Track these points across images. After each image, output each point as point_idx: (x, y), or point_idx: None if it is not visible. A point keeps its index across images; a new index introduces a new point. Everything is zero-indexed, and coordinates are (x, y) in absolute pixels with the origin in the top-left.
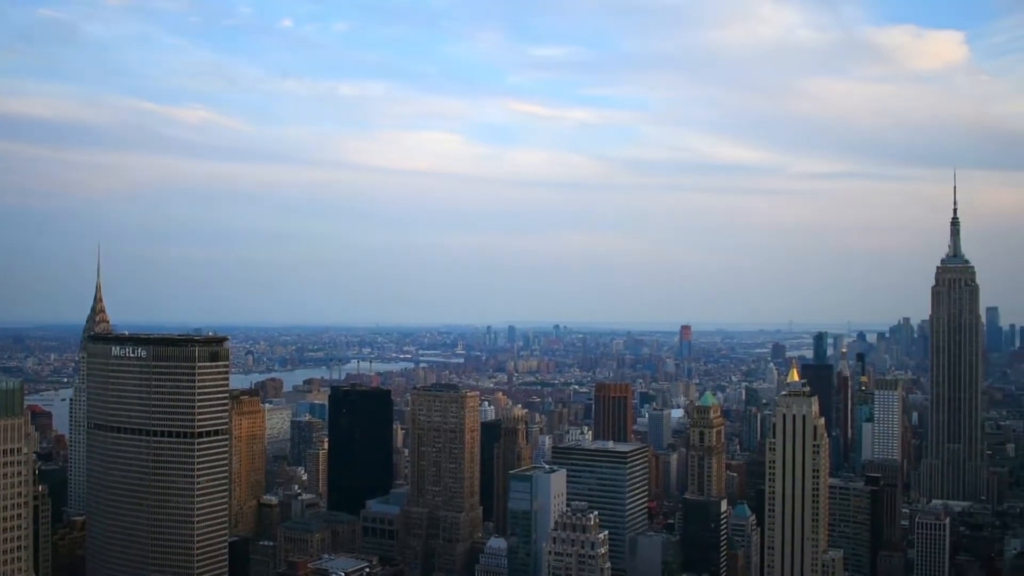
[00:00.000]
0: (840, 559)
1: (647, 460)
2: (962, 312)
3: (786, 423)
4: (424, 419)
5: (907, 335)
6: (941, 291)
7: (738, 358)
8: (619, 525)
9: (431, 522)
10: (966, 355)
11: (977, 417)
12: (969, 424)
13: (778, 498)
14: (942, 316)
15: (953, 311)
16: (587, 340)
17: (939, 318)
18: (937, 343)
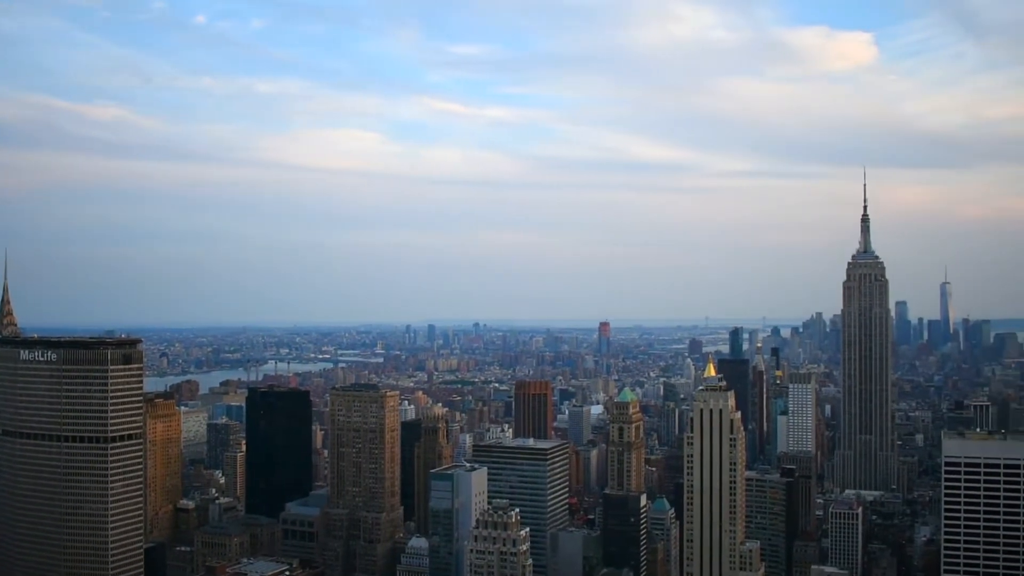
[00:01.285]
0: (757, 550)
1: (567, 456)
2: (872, 306)
3: (703, 417)
4: (343, 419)
5: (820, 329)
6: (852, 286)
7: (656, 354)
8: (540, 522)
9: (352, 523)
10: (876, 348)
11: (887, 409)
12: (880, 415)
13: (696, 491)
14: (853, 310)
15: (864, 305)
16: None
17: (850, 312)
18: (849, 337)
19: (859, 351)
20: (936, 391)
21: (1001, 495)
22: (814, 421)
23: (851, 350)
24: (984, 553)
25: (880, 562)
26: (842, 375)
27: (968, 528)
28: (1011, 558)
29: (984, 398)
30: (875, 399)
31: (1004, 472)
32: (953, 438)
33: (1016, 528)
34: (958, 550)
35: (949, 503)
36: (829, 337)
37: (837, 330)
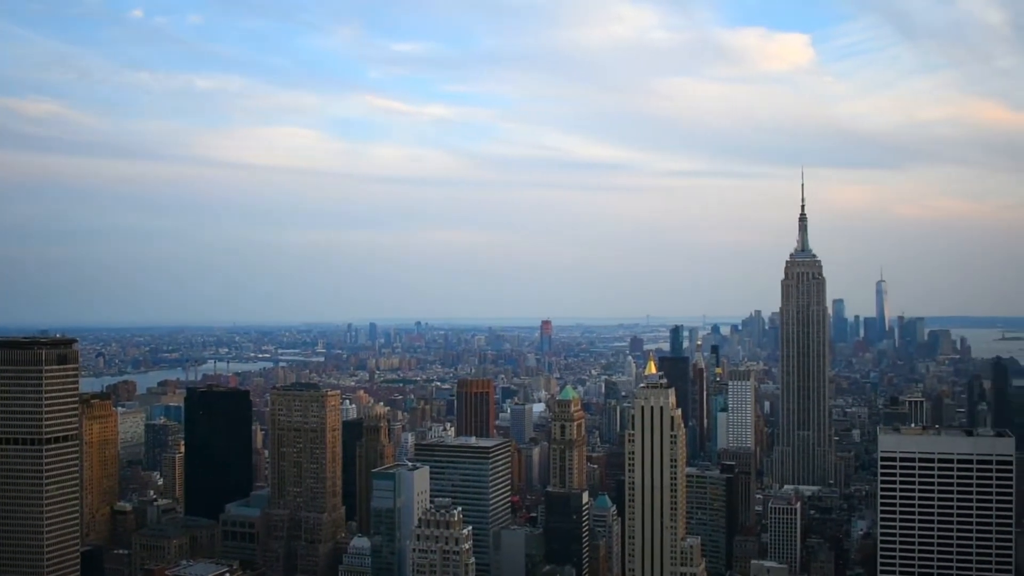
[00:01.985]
0: (698, 545)
1: (510, 454)
2: (810, 304)
3: (644, 415)
4: (284, 419)
5: (759, 327)
6: (790, 284)
7: (598, 352)
8: (483, 520)
9: (293, 524)
10: (814, 345)
11: (825, 405)
12: (817, 412)
13: (638, 488)
14: (791, 308)
15: (802, 303)
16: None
17: (788, 310)
18: (787, 334)
19: (797, 348)
20: (872, 387)
21: (935, 489)
22: (753, 418)
23: (789, 347)
24: (919, 545)
25: (818, 556)
26: (781, 372)
27: (903, 521)
28: (944, 550)
29: (919, 394)
30: (813, 395)
31: (938, 466)
32: (889, 433)
33: (949, 520)
34: (894, 543)
35: (885, 497)
36: (768, 335)
37: (776, 328)
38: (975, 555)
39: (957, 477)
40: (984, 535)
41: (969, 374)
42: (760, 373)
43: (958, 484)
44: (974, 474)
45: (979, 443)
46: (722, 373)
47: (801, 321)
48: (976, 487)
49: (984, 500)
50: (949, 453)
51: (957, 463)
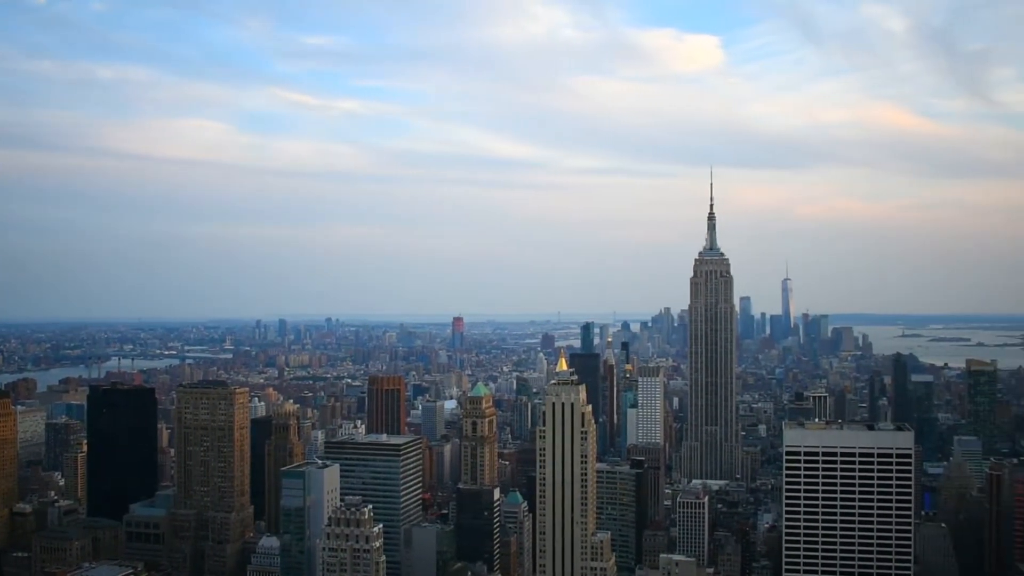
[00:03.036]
0: (608, 540)
1: (421, 452)
2: (718, 302)
3: (555, 411)
4: (191, 417)
5: (668, 324)
6: (699, 282)
7: (509, 348)
8: (394, 517)
9: (200, 524)
10: (722, 342)
11: (732, 401)
12: (725, 407)
13: (548, 484)
14: (700, 306)
15: (710, 301)
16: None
17: (697, 308)
18: (695, 331)
19: (705, 345)
20: (778, 383)
21: (838, 482)
22: (662, 413)
23: (698, 344)
24: (822, 537)
25: (725, 548)
26: (689, 368)
27: (807, 513)
28: (847, 541)
29: (822, 389)
30: (720, 391)
31: (840, 460)
32: (793, 428)
33: (851, 512)
34: (798, 535)
35: (789, 490)
36: (677, 331)
37: (684, 325)
38: (876, 546)
39: (859, 470)
40: (885, 526)
41: (870, 370)
42: (669, 369)
43: (860, 477)
44: (875, 467)
45: (880, 437)
46: (632, 370)
47: (709, 318)
48: (877, 480)
49: (884, 492)
50: (851, 447)
51: (859, 457)
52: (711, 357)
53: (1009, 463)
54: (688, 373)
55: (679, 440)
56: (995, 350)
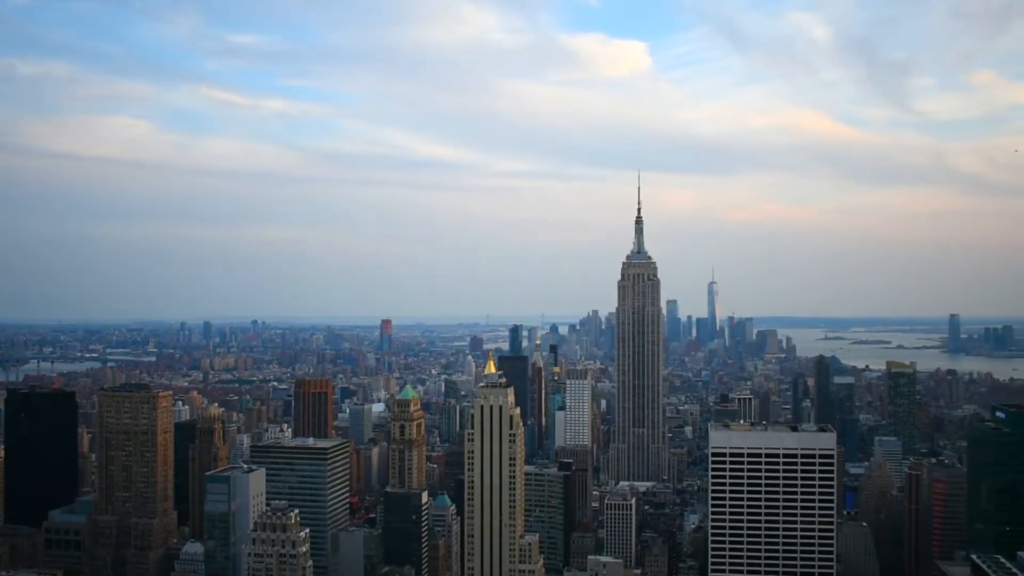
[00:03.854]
0: (536, 542)
1: (348, 455)
2: (645, 305)
3: (484, 414)
4: (113, 421)
5: (596, 327)
6: (626, 285)
7: (438, 351)
8: (321, 522)
9: (122, 530)
10: (649, 345)
11: (659, 403)
12: (652, 409)
13: (477, 487)
14: (627, 308)
15: (637, 304)
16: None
17: (624, 310)
18: (623, 334)
19: (633, 348)
20: (704, 385)
21: (762, 482)
22: (590, 416)
23: (625, 347)
24: (747, 536)
25: (652, 549)
26: (617, 371)
27: (733, 514)
28: (771, 540)
29: (747, 391)
30: (647, 394)
31: (765, 461)
32: (719, 430)
33: (775, 512)
34: (723, 535)
35: (715, 491)
36: (605, 334)
37: (612, 327)
38: (800, 545)
39: (783, 471)
40: (808, 526)
41: (794, 372)
42: (597, 372)
43: (784, 477)
44: (798, 468)
45: (803, 438)
46: (560, 372)
47: (636, 321)
48: (800, 480)
49: (808, 492)
50: (775, 448)
51: (783, 457)
52: (638, 359)
53: (928, 463)
54: (616, 375)
55: (607, 442)
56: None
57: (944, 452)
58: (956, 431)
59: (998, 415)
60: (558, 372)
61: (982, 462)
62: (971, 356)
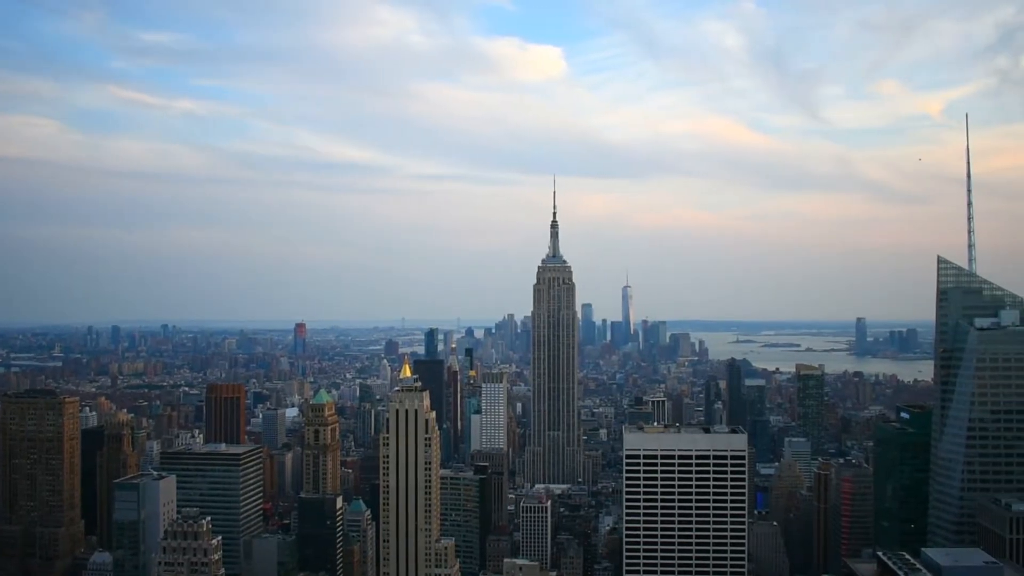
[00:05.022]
0: (452, 546)
1: (261, 461)
2: (560, 308)
3: (399, 418)
4: (16, 428)
5: (511, 330)
6: (542, 289)
7: (353, 355)
8: (233, 529)
9: (26, 540)
10: (564, 348)
11: (574, 406)
12: (567, 412)
13: (392, 491)
14: (543, 312)
15: (552, 307)
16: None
17: (540, 314)
18: (538, 337)
19: (548, 351)
20: (618, 388)
21: (676, 484)
22: (506, 419)
23: (540, 350)
24: (661, 537)
25: (568, 551)
26: (532, 374)
27: (647, 515)
28: (684, 540)
29: (661, 394)
30: (563, 397)
31: (678, 462)
32: (633, 432)
33: (688, 513)
34: (638, 536)
35: (629, 493)
36: (520, 338)
37: (528, 331)
38: (712, 544)
39: (696, 472)
40: (720, 525)
41: (706, 375)
42: (513, 375)
43: (696, 478)
44: (711, 469)
45: (715, 439)
46: (476, 376)
47: (552, 325)
48: (713, 481)
49: (720, 493)
50: (688, 450)
51: (695, 459)
52: (553, 363)
53: (835, 463)
54: (531, 379)
55: (522, 445)
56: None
57: (851, 452)
58: (863, 431)
59: (903, 415)
60: (474, 376)
61: (887, 461)
62: (877, 358)
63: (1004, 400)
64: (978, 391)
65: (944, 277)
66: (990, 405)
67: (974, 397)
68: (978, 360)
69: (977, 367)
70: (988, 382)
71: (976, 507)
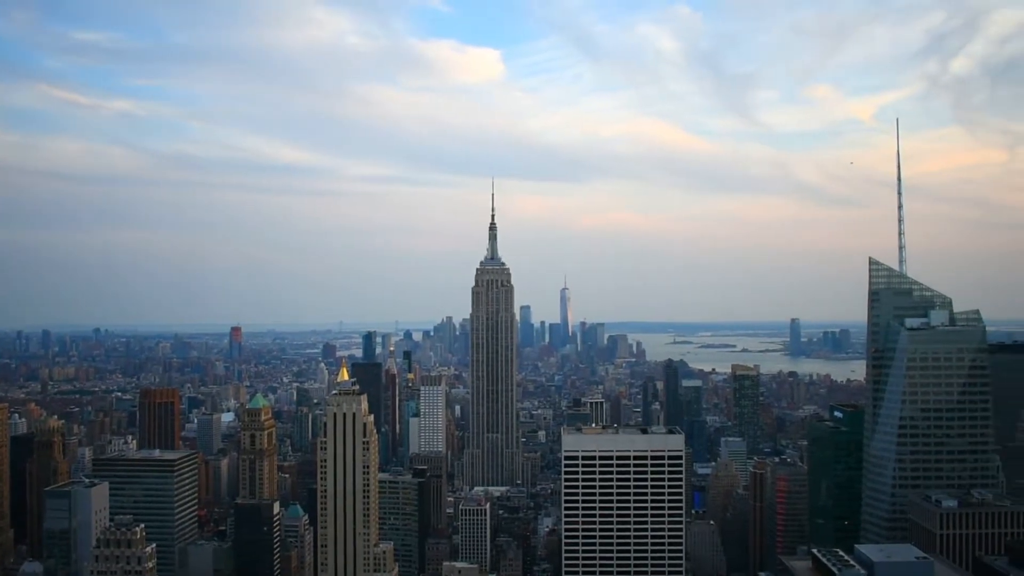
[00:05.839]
0: (391, 550)
1: (196, 467)
2: (499, 311)
3: (337, 422)
4: None
5: (450, 333)
6: (480, 291)
7: (289, 359)
8: (168, 536)
9: None
10: (502, 351)
11: (513, 408)
12: (506, 414)
13: (330, 496)
14: (481, 314)
15: (491, 310)
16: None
17: (478, 316)
18: (477, 340)
19: (487, 353)
20: (557, 390)
21: (614, 484)
22: (445, 422)
23: (479, 352)
24: (600, 537)
25: (507, 553)
26: (471, 377)
27: (585, 516)
28: (623, 540)
29: (599, 395)
30: (501, 399)
31: (616, 463)
32: (571, 433)
33: (627, 513)
34: (577, 537)
35: (568, 494)
36: (459, 340)
37: (467, 333)
38: (650, 544)
39: (634, 472)
40: (658, 525)
41: (644, 376)
42: (451, 378)
43: (634, 479)
44: (649, 469)
45: (653, 440)
46: (414, 379)
47: (490, 327)
48: (651, 481)
49: (658, 493)
50: (626, 450)
51: (633, 459)
52: (492, 365)
53: (771, 462)
54: (470, 381)
55: (461, 448)
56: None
57: (786, 451)
58: (797, 431)
59: (836, 414)
60: (412, 379)
61: (821, 460)
62: (811, 359)
63: (934, 398)
64: (909, 390)
65: (876, 278)
66: (920, 403)
67: (905, 396)
68: (909, 360)
69: (908, 366)
70: (918, 381)
71: (907, 503)
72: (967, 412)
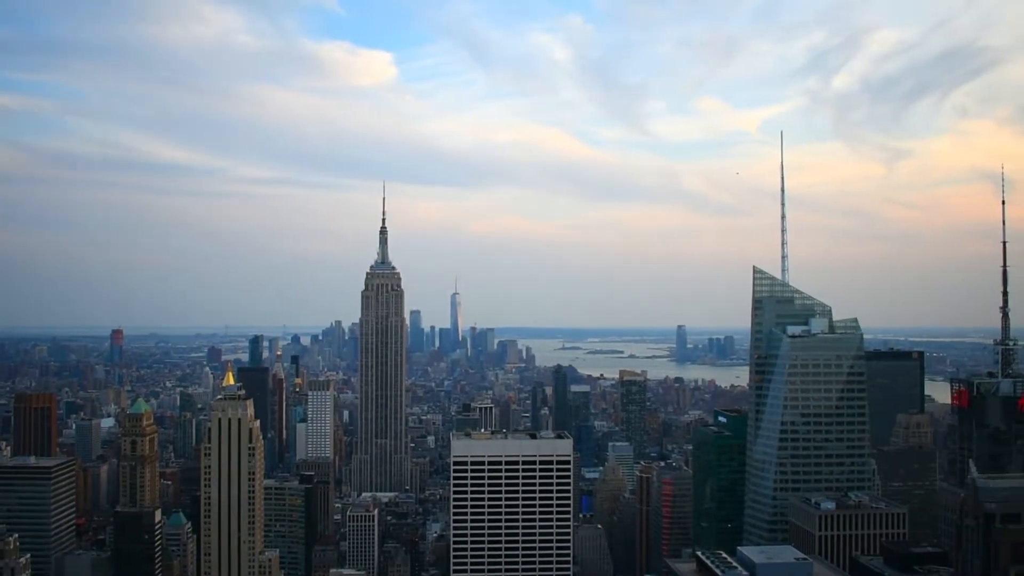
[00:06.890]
0: (276, 558)
1: (74, 474)
2: (388, 315)
3: (221, 427)
4: None
5: (339, 337)
6: (370, 295)
7: (173, 363)
8: (44, 546)
9: None
10: (392, 355)
11: (402, 413)
12: (395, 420)
13: (214, 503)
14: (371, 319)
15: (381, 314)
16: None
17: (368, 321)
18: (366, 344)
19: (376, 358)
20: (446, 395)
21: (503, 489)
22: (332, 427)
23: (368, 357)
24: (488, 541)
25: (395, 560)
26: (360, 382)
27: (474, 521)
28: (511, 544)
29: (488, 400)
30: (390, 404)
31: (505, 468)
32: (461, 439)
33: (515, 517)
34: (465, 542)
35: (457, 499)
36: (348, 345)
37: (356, 338)
38: (538, 547)
39: (522, 477)
40: (546, 529)
41: (533, 381)
42: (340, 383)
43: (523, 483)
44: (537, 474)
45: (542, 445)
46: (302, 383)
47: (380, 331)
48: (539, 485)
49: (546, 497)
50: (515, 455)
51: (522, 464)
52: (381, 370)
53: (657, 466)
54: (359, 386)
55: (349, 453)
56: (645, 362)
57: (672, 455)
58: (683, 435)
59: (720, 419)
60: (299, 383)
61: (705, 464)
62: (697, 364)
63: (814, 404)
64: (790, 395)
65: (759, 286)
66: (801, 409)
67: (786, 401)
68: (790, 366)
69: (789, 372)
70: (799, 387)
71: (788, 506)
72: (845, 417)
